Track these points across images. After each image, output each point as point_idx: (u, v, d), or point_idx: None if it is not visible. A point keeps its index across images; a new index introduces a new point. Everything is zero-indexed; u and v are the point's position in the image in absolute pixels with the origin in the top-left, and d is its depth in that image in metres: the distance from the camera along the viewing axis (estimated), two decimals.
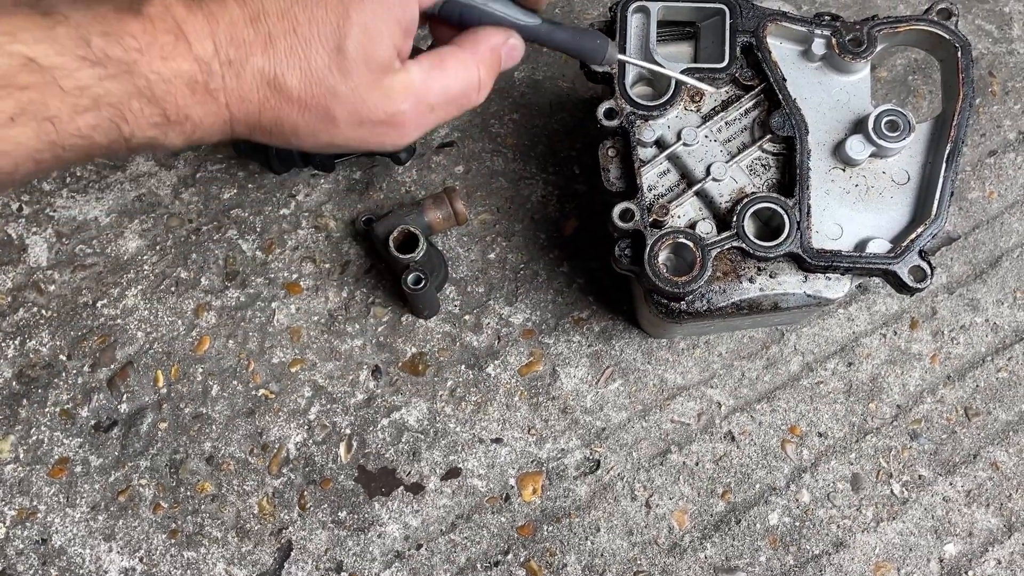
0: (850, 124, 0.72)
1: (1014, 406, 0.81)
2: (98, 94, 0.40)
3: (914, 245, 0.67)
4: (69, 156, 0.42)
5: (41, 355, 0.82)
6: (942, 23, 0.73)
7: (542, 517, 0.78)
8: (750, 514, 0.78)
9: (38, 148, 0.40)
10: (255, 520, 0.77)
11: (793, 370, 0.83)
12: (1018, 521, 0.77)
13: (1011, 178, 0.90)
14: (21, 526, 0.77)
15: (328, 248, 0.87)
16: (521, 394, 0.82)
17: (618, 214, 0.69)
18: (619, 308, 0.85)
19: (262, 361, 0.82)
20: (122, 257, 0.86)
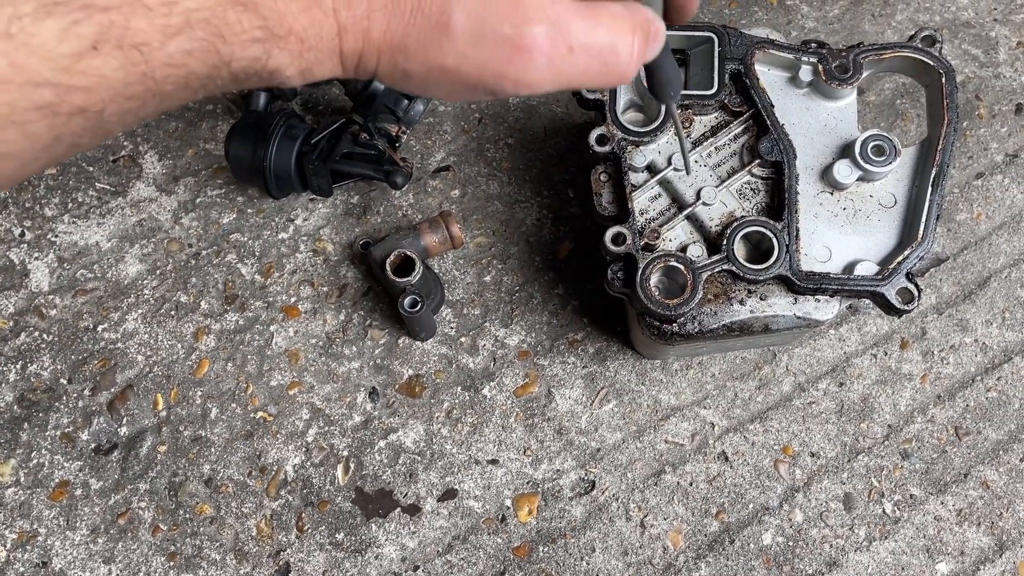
0: (837, 149, 0.73)
1: (1004, 425, 0.82)
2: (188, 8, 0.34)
3: (901, 267, 0.68)
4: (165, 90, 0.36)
5: (42, 379, 0.83)
6: (926, 50, 0.74)
7: (538, 538, 0.78)
8: (744, 534, 0.78)
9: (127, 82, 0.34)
10: (253, 542, 0.78)
11: (785, 390, 0.84)
12: (1009, 539, 0.78)
13: (998, 200, 0.92)
14: (22, 549, 0.77)
15: (326, 271, 0.88)
16: (517, 415, 0.83)
17: (610, 238, 0.70)
18: (613, 330, 0.86)
19: (260, 384, 0.83)
20: (123, 281, 0.87)
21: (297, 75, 0.40)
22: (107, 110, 0.35)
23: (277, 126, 0.83)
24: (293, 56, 0.38)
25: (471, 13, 0.39)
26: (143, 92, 0.35)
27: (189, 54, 0.35)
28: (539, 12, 0.39)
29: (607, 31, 0.41)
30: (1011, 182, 0.92)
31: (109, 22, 0.33)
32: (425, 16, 0.39)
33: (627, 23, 0.42)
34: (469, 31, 0.39)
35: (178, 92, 0.37)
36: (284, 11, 0.37)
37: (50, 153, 0.35)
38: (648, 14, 0.44)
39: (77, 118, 0.34)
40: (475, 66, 0.40)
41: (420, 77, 0.41)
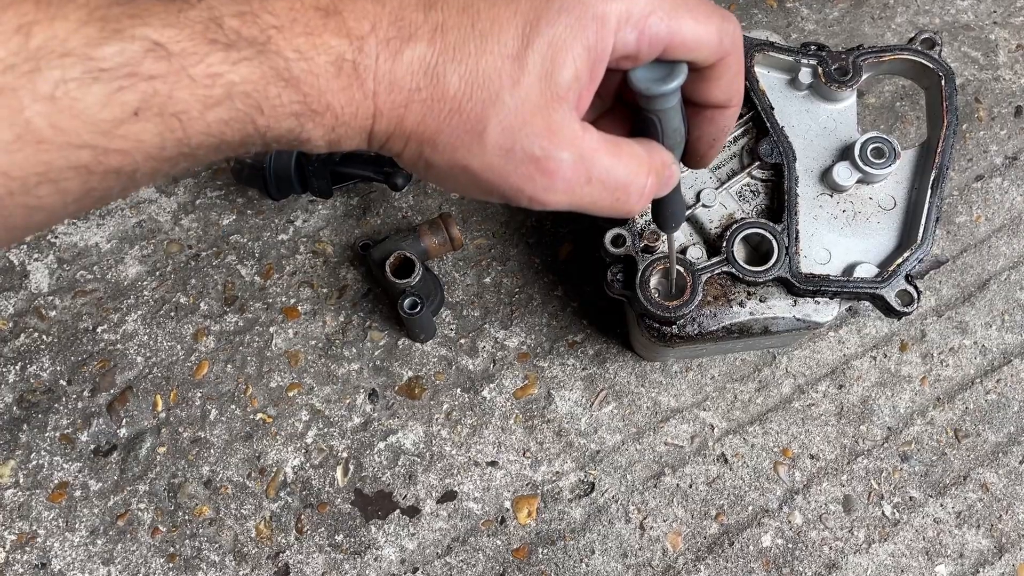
0: (837, 151, 0.73)
1: (1003, 428, 0.82)
2: (231, 82, 0.35)
3: (900, 270, 0.68)
4: (198, 155, 0.37)
5: (42, 380, 0.83)
6: (926, 52, 0.74)
7: (537, 540, 0.78)
8: (743, 536, 0.78)
9: (162, 147, 0.35)
10: (252, 544, 0.78)
11: (785, 392, 0.84)
12: (1008, 542, 0.78)
13: (998, 202, 0.92)
14: (21, 550, 0.77)
15: (326, 273, 0.88)
16: (516, 417, 0.83)
17: (610, 240, 0.70)
18: (613, 331, 0.86)
19: (260, 385, 0.83)
20: (122, 283, 0.87)
21: (325, 146, 0.40)
22: (140, 170, 0.36)
23: None
24: (326, 130, 0.39)
25: (507, 128, 0.40)
26: (176, 155, 0.36)
27: (226, 123, 0.36)
28: (570, 140, 0.41)
29: (625, 170, 0.43)
30: (1010, 185, 0.92)
31: (153, 91, 0.33)
32: (462, 119, 0.40)
33: (645, 165, 0.44)
34: (501, 143, 0.40)
35: (209, 155, 0.38)
36: (324, 88, 0.37)
37: (79, 205, 0.36)
38: (667, 158, 0.46)
39: (110, 177, 0.35)
40: (498, 176, 0.41)
41: (441, 171, 0.42)
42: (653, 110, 0.44)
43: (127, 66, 0.33)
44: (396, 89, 0.39)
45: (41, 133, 0.32)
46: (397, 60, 0.38)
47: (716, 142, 0.49)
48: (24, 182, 0.33)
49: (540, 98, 0.40)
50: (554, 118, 0.40)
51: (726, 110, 0.47)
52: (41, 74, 0.32)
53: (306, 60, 0.36)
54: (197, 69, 0.34)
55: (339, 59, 0.37)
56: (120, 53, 0.33)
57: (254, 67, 0.35)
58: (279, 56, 0.36)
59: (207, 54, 0.34)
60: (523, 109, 0.40)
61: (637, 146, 0.44)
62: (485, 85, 0.39)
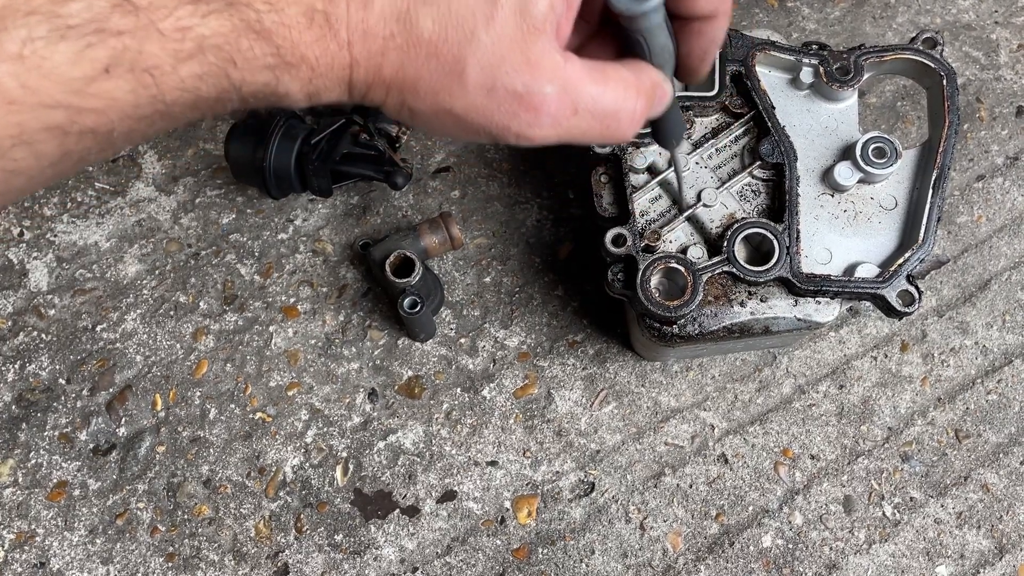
0: (838, 151, 0.73)
1: (1004, 428, 0.82)
2: (202, 35, 0.34)
3: (902, 270, 0.68)
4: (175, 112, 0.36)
5: (41, 379, 0.83)
6: (927, 52, 0.74)
7: (537, 540, 0.78)
8: (743, 536, 0.78)
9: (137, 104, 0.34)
10: (252, 543, 0.78)
11: (785, 393, 0.84)
12: (1009, 543, 0.78)
13: (999, 202, 0.92)
14: (20, 549, 0.77)
15: (325, 272, 0.88)
16: (516, 417, 0.82)
17: (611, 239, 0.70)
18: (613, 331, 0.85)
19: (259, 384, 0.83)
20: (121, 281, 0.87)
21: (304, 99, 0.40)
22: (116, 130, 0.35)
23: (277, 126, 0.83)
24: (303, 82, 0.39)
25: (485, 66, 0.39)
26: (152, 113, 0.36)
27: (200, 78, 0.35)
28: (551, 72, 0.40)
29: (613, 96, 0.42)
30: (1012, 185, 0.92)
31: (122, 46, 0.33)
32: (440, 62, 0.39)
33: (632, 89, 0.43)
34: (481, 82, 0.40)
35: (186, 113, 0.37)
36: (297, 40, 0.37)
37: (57, 169, 0.36)
38: (656, 77, 0.45)
39: (87, 137, 0.35)
40: (482, 115, 0.41)
41: (426, 117, 0.41)
42: (637, 30, 0.43)
43: (94, 22, 0.32)
44: (370, 37, 0.38)
45: (11, 93, 0.31)
46: (369, 8, 0.38)
47: (707, 55, 0.48)
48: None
49: (516, 32, 0.39)
50: (533, 51, 0.40)
51: (713, 20, 0.46)
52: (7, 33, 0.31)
53: (277, 12, 0.36)
54: (166, 23, 0.34)
55: (310, 10, 0.37)
56: (87, 9, 0.32)
57: (224, 20, 0.35)
58: (249, 8, 0.35)
59: (175, 7, 0.34)
60: (500, 45, 0.39)
61: (623, 69, 0.43)
62: (459, 25, 0.38)
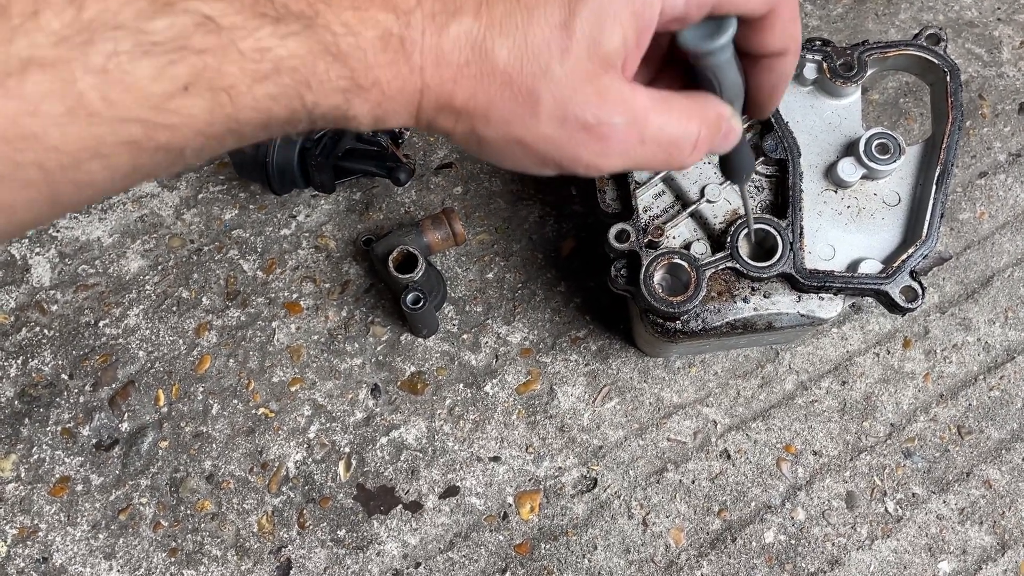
0: (841, 147, 0.73)
1: (1006, 424, 0.82)
2: (280, 56, 0.35)
3: (905, 266, 0.68)
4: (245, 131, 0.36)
5: (43, 374, 0.83)
6: (931, 48, 0.74)
7: (539, 535, 0.78)
8: (746, 532, 0.78)
9: (211, 122, 0.35)
10: (255, 538, 0.78)
11: (788, 389, 0.84)
12: (1011, 539, 0.78)
13: (1001, 199, 0.92)
14: (22, 544, 0.77)
15: (328, 268, 0.88)
16: (519, 412, 0.82)
17: (614, 235, 0.70)
18: (616, 327, 0.85)
19: (262, 380, 0.83)
20: (124, 277, 0.87)
21: (371, 123, 0.40)
22: (188, 147, 0.35)
23: None
24: (372, 105, 0.39)
25: (558, 98, 0.40)
26: (224, 132, 0.36)
27: (274, 99, 0.36)
28: (621, 104, 0.41)
29: (677, 125, 0.43)
30: (1014, 181, 0.92)
31: (203, 64, 0.33)
32: (514, 92, 0.40)
33: (696, 119, 0.44)
34: (554, 114, 0.40)
35: (256, 132, 0.37)
36: (371, 63, 0.37)
37: (127, 182, 0.36)
38: (723, 112, 0.45)
39: (160, 153, 0.35)
40: (553, 146, 0.41)
41: (496, 146, 0.42)
42: (707, 67, 0.44)
43: (177, 39, 0.33)
44: (444, 64, 0.39)
45: (93, 106, 0.32)
46: (444, 34, 0.38)
47: (777, 90, 0.48)
48: (75, 157, 0.33)
49: (589, 65, 0.40)
50: (603, 83, 0.40)
51: (784, 57, 0.46)
52: (94, 46, 0.31)
53: (353, 35, 0.36)
54: (246, 43, 0.34)
55: (386, 33, 0.37)
56: (171, 27, 0.32)
57: (302, 41, 0.35)
58: (327, 30, 0.36)
59: (256, 28, 0.34)
60: (573, 78, 0.40)
61: (686, 100, 0.44)
62: (535, 57, 0.39)
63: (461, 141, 0.43)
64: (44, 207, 0.34)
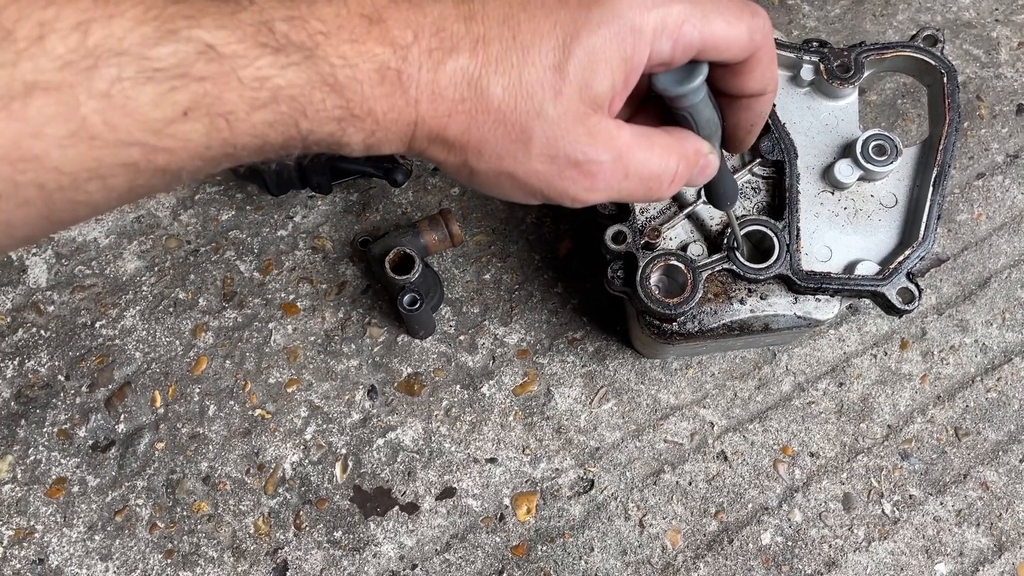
0: (838, 148, 0.73)
1: (1003, 426, 0.82)
2: (279, 85, 0.36)
3: (902, 267, 0.68)
4: (241, 155, 0.38)
5: (40, 375, 0.83)
6: (928, 50, 0.74)
7: (536, 537, 0.78)
8: (743, 534, 0.78)
9: (208, 146, 0.36)
10: (251, 540, 0.78)
11: (785, 390, 0.84)
12: (1008, 540, 0.78)
13: (999, 200, 0.92)
14: (18, 546, 0.77)
15: (325, 269, 0.88)
16: (516, 414, 0.82)
17: (610, 236, 0.70)
18: (613, 329, 0.85)
19: (259, 381, 0.83)
20: (121, 278, 0.87)
21: (363, 149, 0.41)
22: (185, 169, 0.36)
23: None
24: (366, 134, 0.40)
25: (550, 137, 0.42)
26: (220, 155, 0.37)
27: (270, 126, 0.37)
28: (608, 143, 0.43)
29: (658, 160, 0.45)
30: (1012, 183, 0.92)
31: (203, 92, 0.34)
32: (507, 130, 0.41)
33: (675, 155, 0.46)
34: (545, 151, 0.42)
35: (251, 156, 0.38)
36: (367, 95, 0.38)
37: (121, 200, 0.37)
38: (700, 148, 0.47)
39: (157, 175, 0.36)
40: (543, 180, 0.43)
41: (486, 177, 0.44)
42: (682, 107, 0.46)
43: (180, 67, 0.33)
44: (439, 99, 0.40)
45: (94, 130, 0.32)
46: (440, 70, 0.39)
47: (755, 127, 0.50)
48: (74, 177, 0.33)
49: (580, 106, 0.41)
50: (592, 123, 0.42)
51: (762, 97, 0.48)
52: (98, 72, 0.32)
53: (351, 67, 0.37)
54: (246, 72, 0.35)
55: (383, 67, 0.38)
56: (174, 54, 0.33)
57: (301, 72, 0.36)
58: (325, 62, 0.37)
59: (257, 57, 0.35)
60: (565, 118, 0.41)
61: (666, 136, 0.46)
62: (529, 96, 0.41)
63: (452, 172, 0.44)
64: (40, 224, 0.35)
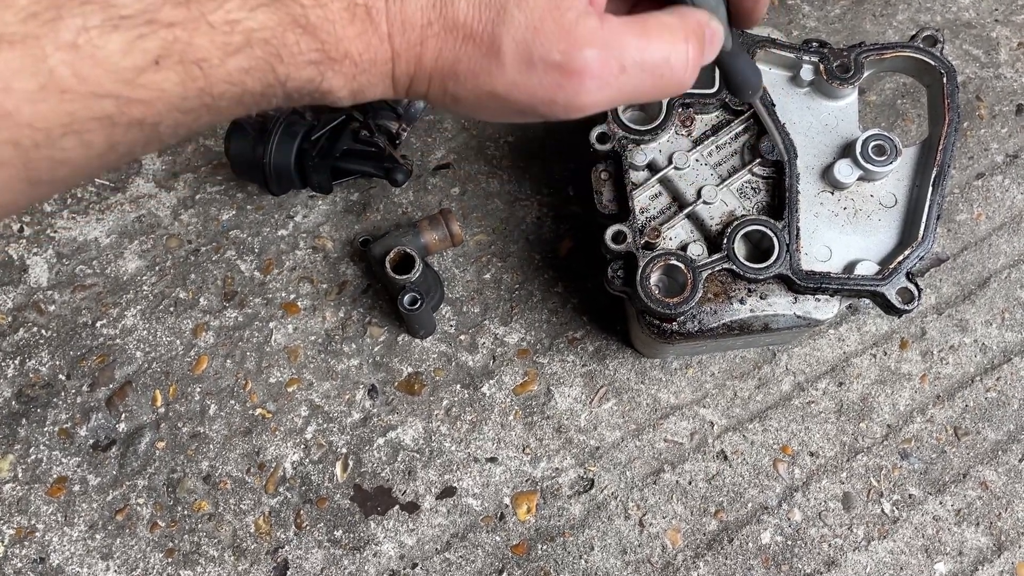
0: (838, 148, 0.73)
1: (1003, 426, 0.82)
2: (250, 28, 0.35)
3: (901, 267, 0.68)
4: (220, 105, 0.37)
5: (41, 375, 0.83)
6: (927, 50, 0.74)
7: (536, 536, 0.78)
8: (742, 533, 0.78)
9: (185, 96, 0.35)
10: (251, 539, 0.78)
11: (785, 390, 0.84)
12: (1007, 540, 0.78)
13: (998, 200, 0.92)
14: (19, 545, 0.77)
15: (325, 268, 0.88)
16: (516, 413, 0.82)
17: (611, 236, 0.70)
18: (613, 328, 0.86)
19: (259, 381, 0.83)
20: (121, 277, 0.87)
21: (349, 96, 0.40)
22: (163, 122, 0.36)
23: (277, 123, 0.83)
24: (347, 78, 0.39)
25: (520, 41, 0.39)
26: (199, 107, 0.36)
27: (246, 72, 0.36)
28: (589, 36, 0.39)
29: (659, 45, 0.41)
30: (1011, 183, 0.92)
31: (173, 38, 0.33)
32: (476, 44, 0.39)
33: (680, 33, 0.42)
34: (518, 58, 0.39)
35: (232, 108, 0.37)
36: (341, 35, 0.37)
37: (104, 160, 0.36)
38: (702, 18, 0.43)
39: (134, 129, 0.35)
40: (525, 92, 0.40)
41: (470, 102, 0.42)
42: None
43: (146, 13, 0.33)
44: (409, 27, 0.39)
45: (64, 82, 0.32)
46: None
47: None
48: (48, 133, 0.33)
49: (548, 3, 0.39)
50: (567, 18, 0.39)
51: None
52: (63, 22, 0.31)
53: (321, 7, 0.37)
54: (216, 16, 0.34)
55: (351, 4, 0.37)
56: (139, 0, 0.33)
57: (271, 13, 0.35)
58: (295, 3, 0.36)
59: (225, 0, 0.34)
60: (532, 18, 0.39)
61: (665, 16, 0.42)
62: (491, 3, 0.39)
63: (437, 103, 0.43)
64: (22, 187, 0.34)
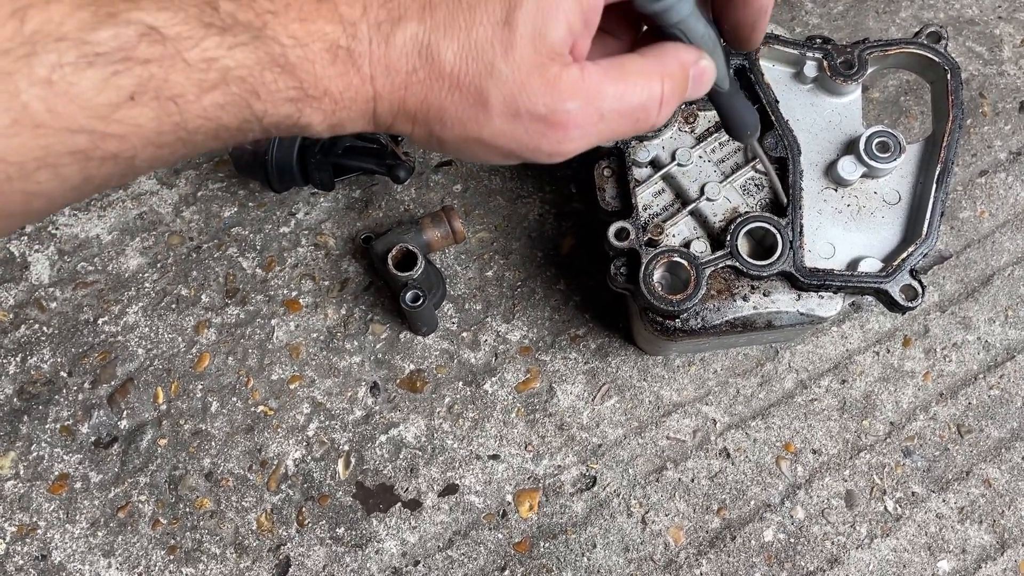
0: (842, 145, 0.73)
1: (1006, 423, 0.82)
2: (227, 66, 0.35)
3: (905, 264, 0.68)
4: (196, 140, 0.37)
5: (42, 372, 0.83)
6: (931, 46, 0.74)
7: (538, 533, 0.78)
8: (745, 530, 0.78)
9: (159, 131, 0.35)
10: (253, 536, 0.78)
11: (787, 387, 0.84)
12: (1011, 538, 0.78)
13: (1002, 197, 0.91)
14: (21, 542, 0.77)
15: (327, 266, 0.88)
16: (518, 411, 0.82)
17: (614, 233, 0.70)
18: (615, 326, 0.85)
19: (261, 378, 0.83)
20: (123, 274, 0.87)
21: (327, 130, 0.40)
22: (138, 156, 0.36)
23: None
24: (326, 114, 0.39)
25: (507, 95, 0.40)
26: (174, 141, 0.36)
27: (222, 108, 0.36)
28: (571, 89, 0.40)
29: (636, 89, 0.42)
30: (1015, 180, 0.92)
31: (148, 75, 0.34)
32: (463, 94, 0.40)
33: (656, 76, 0.43)
34: (505, 110, 0.40)
35: (207, 142, 0.37)
36: (320, 75, 0.38)
37: (79, 193, 0.36)
38: (689, 56, 0.44)
39: (109, 163, 0.35)
40: (511, 140, 0.42)
41: (455, 145, 0.42)
42: (671, 24, 0.43)
43: (122, 50, 0.33)
44: (393, 72, 0.39)
45: (38, 117, 0.32)
46: (390, 43, 0.38)
47: (758, 23, 0.47)
48: (22, 167, 0.33)
49: (535, 57, 0.40)
50: (551, 72, 0.40)
51: None
52: (37, 58, 0.32)
53: (301, 47, 0.37)
54: (192, 53, 0.34)
55: (333, 46, 0.37)
56: (115, 37, 0.33)
57: (249, 52, 0.35)
58: (275, 42, 0.36)
59: (202, 38, 0.34)
60: (519, 73, 0.40)
61: (643, 58, 0.43)
62: (479, 57, 0.39)
63: (420, 142, 0.43)
64: None
